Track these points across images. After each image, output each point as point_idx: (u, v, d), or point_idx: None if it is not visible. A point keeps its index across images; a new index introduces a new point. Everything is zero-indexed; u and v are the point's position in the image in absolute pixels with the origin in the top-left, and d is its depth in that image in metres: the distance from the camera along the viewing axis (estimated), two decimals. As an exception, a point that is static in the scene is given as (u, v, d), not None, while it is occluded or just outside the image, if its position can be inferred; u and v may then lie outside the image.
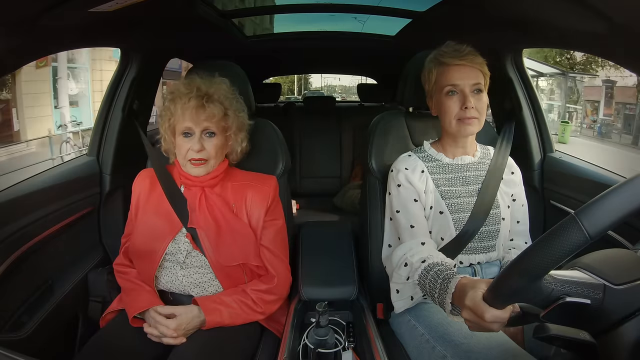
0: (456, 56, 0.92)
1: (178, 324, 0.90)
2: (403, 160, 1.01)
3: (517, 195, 1.03)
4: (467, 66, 0.92)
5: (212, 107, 0.95)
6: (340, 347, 0.90)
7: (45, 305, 1.08)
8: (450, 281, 0.73)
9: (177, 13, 1.24)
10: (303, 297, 1.11)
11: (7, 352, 0.49)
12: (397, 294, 0.95)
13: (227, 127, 0.99)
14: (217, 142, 0.97)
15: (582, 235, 0.47)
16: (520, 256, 0.53)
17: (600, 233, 0.47)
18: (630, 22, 0.77)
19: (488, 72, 0.95)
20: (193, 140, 0.95)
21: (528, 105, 1.37)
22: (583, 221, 0.47)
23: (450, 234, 0.95)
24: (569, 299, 0.52)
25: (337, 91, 17.24)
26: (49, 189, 1.13)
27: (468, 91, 0.92)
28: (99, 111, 1.36)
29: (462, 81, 0.92)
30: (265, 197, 1.03)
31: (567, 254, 0.49)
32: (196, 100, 0.94)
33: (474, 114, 0.92)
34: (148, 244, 0.98)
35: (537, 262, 0.51)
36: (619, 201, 0.47)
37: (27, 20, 0.76)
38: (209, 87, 0.97)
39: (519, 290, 0.54)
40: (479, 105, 0.93)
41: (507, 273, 0.56)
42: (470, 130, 0.94)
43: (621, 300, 0.52)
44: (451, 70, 0.93)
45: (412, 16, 1.67)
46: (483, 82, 0.94)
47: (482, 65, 0.94)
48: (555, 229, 0.50)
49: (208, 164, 0.98)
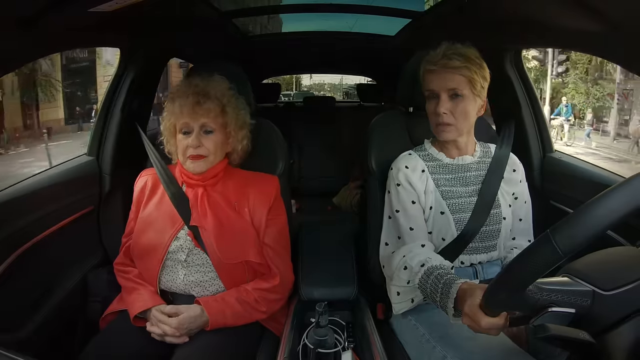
0: (431, 61, 0.93)
1: (180, 322, 0.90)
2: (403, 159, 1.01)
3: (519, 193, 1.02)
4: (443, 71, 0.91)
5: (209, 103, 0.96)
6: (340, 347, 0.90)
7: (45, 306, 1.08)
8: (452, 286, 0.74)
9: (177, 13, 1.24)
10: (303, 297, 1.11)
11: (7, 352, 0.49)
12: (397, 296, 0.95)
13: (226, 124, 1.00)
14: (216, 139, 0.98)
15: (555, 253, 0.48)
16: (504, 269, 0.56)
17: (573, 250, 0.48)
18: (630, 22, 0.77)
19: (479, 74, 0.91)
20: (191, 136, 0.96)
21: (528, 105, 1.37)
22: (556, 239, 0.48)
23: (451, 234, 0.95)
24: (553, 309, 0.53)
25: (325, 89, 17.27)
26: (48, 189, 1.13)
27: (444, 96, 0.92)
28: (99, 111, 1.37)
29: (438, 86, 0.92)
30: (267, 195, 1.03)
31: (543, 269, 0.50)
32: (193, 96, 0.96)
33: (446, 120, 0.92)
34: (150, 242, 0.98)
35: (517, 277, 0.53)
36: (590, 219, 0.48)
37: (27, 20, 0.76)
38: (207, 84, 0.99)
39: (506, 300, 0.57)
40: (456, 110, 0.92)
41: (494, 285, 0.58)
42: (444, 137, 0.95)
43: (611, 306, 0.53)
44: (430, 74, 0.94)
45: (412, 16, 1.67)
46: (463, 85, 0.91)
47: (462, 69, 0.90)
48: (531, 245, 0.52)
49: (207, 160, 0.98)
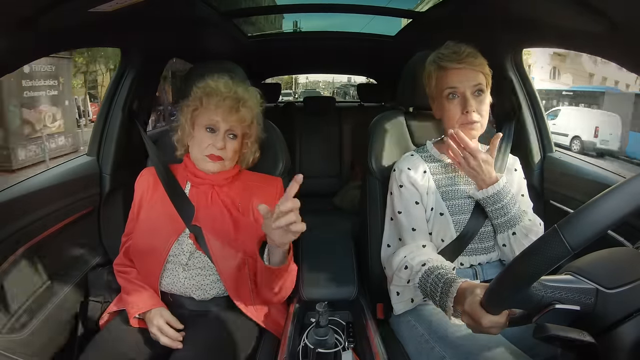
0: (454, 59, 0.91)
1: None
2: (406, 160, 1.01)
3: (516, 190, 1.01)
4: (467, 69, 0.91)
5: (245, 112, 0.98)
6: (340, 347, 0.90)
7: (45, 305, 1.08)
8: (452, 285, 0.74)
9: (177, 13, 1.25)
10: (303, 297, 1.11)
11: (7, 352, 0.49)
12: (397, 296, 0.95)
13: (248, 135, 1.02)
14: (237, 145, 1.00)
15: (564, 248, 0.48)
16: (508, 266, 0.55)
17: (581, 245, 0.48)
18: (630, 22, 0.77)
19: (489, 72, 0.94)
20: (216, 137, 0.97)
21: (528, 105, 1.36)
22: (564, 234, 0.48)
23: (450, 235, 0.95)
24: (558, 306, 0.53)
25: (320, 87, 17.28)
26: (48, 189, 1.12)
27: (469, 94, 0.91)
28: (99, 111, 1.37)
29: (462, 84, 0.91)
30: (272, 196, 1.03)
31: (550, 265, 0.50)
32: (232, 101, 0.97)
33: (475, 118, 0.91)
34: (151, 244, 0.97)
35: (522, 273, 0.52)
36: (599, 214, 0.47)
37: (27, 20, 0.76)
38: (245, 92, 1.00)
39: (510, 298, 0.56)
40: (481, 107, 0.92)
41: (497, 281, 0.58)
42: (473, 135, 0.94)
43: (615, 304, 0.52)
44: (450, 73, 0.92)
45: (412, 16, 1.67)
46: (484, 82, 0.93)
47: (482, 66, 0.92)
48: (538, 240, 0.51)
49: (223, 162, 0.99)
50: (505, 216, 0.92)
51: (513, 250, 0.92)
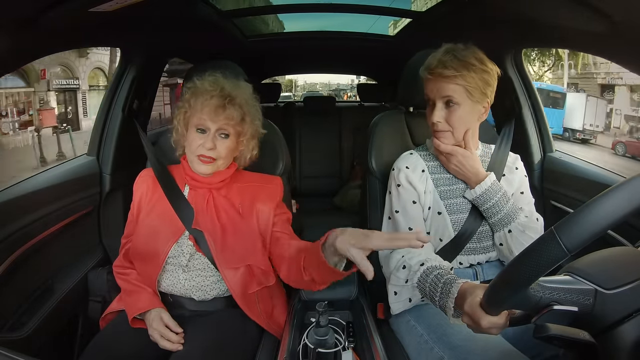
0: (427, 68, 0.93)
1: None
2: (404, 159, 1.01)
3: (516, 188, 1.00)
4: (437, 80, 0.91)
5: (232, 110, 0.95)
6: (340, 347, 0.90)
7: (45, 305, 1.08)
8: (452, 286, 0.74)
9: (177, 13, 1.24)
10: (303, 296, 1.11)
11: (7, 352, 0.49)
12: (395, 296, 0.95)
13: (242, 132, 1.00)
14: (230, 144, 0.97)
15: (561, 250, 0.48)
16: (506, 267, 0.55)
17: (578, 247, 0.48)
18: (630, 22, 0.77)
19: (477, 81, 0.89)
20: (206, 137, 0.95)
21: (528, 105, 1.37)
22: (561, 236, 0.48)
23: (448, 234, 0.95)
24: (556, 307, 0.53)
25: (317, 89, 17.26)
26: (49, 189, 1.13)
27: (439, 104, 0.92)
28: (99, 111, 1.37)
29: (432, 93, 0.93)
30: (273, 195, 1.03)
31: (547, 267, 0.50)
32: (218, 99, 0.94)
33: (439, 128, 0.93)
34: (150, 246, 0.97)
35: (520, 274, 0.52)
36: (596, 216, 0.47)
37: (27, 20, 0.76)
38: (233, 89, 0.97)
39: (508, 299, 0.56)
40: (451, 118, 0.92)
41: (496, 283, 0.58)
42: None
43: (614, 305, 0.52)
44: (426, 82, 0.94)
45: (412, 16, 1.67)
46: (458, 92, 0.89)
47: (457, 78, 0.88)
48: (536, 242, 0.51)
49: (216, 163, 0.97)
50: (498, 214, 0.92)
51: (510, 249, 0.92)
